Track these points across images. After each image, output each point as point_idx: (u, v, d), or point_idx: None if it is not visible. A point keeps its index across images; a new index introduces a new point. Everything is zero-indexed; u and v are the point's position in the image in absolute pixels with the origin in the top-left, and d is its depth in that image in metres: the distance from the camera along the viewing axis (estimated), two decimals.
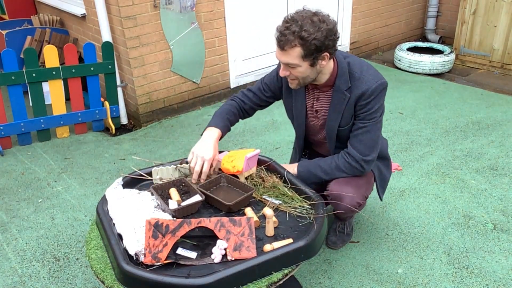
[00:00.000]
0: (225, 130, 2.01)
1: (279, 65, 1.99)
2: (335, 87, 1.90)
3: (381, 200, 2.22)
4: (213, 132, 1.94)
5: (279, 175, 1.99)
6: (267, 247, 1.55)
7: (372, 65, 1.94)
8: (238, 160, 1.90)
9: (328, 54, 1.76)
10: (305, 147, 2.28)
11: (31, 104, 3.50)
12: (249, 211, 1.74)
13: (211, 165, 1.86)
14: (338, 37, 1.77)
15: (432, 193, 2.76)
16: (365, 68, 1.89)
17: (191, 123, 3.87)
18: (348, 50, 5.10)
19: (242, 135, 3.61)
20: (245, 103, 2.13)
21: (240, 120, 2.15)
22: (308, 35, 1.67)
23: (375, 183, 2.16)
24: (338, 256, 2.29)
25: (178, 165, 1.96)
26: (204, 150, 1.85)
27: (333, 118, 1.96)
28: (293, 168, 2.03)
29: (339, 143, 2.03)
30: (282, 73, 1.83)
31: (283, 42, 1.71)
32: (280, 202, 1.82)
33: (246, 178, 1.95)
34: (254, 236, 1.55)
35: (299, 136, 2.19)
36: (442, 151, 3.23)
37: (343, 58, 1.90)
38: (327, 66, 1.84)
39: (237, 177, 1.92)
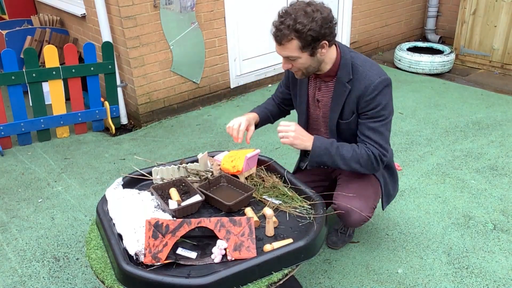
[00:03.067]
0: (262, 114, 2.17)
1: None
2: (337, 78, 1.88)
3: (383, 209, 2.18)
4: (249, 113, 2.14)
5: (279, 175, 2.00)
6: (267, 247, 1.55)
7: (377, 63, 1.92)
8: (238, 160, 1.90)
9: (327, 42, 1.75)
10: None
11: (31, 104, 3.50)
12: (249, 211, 1.74)
13: (247, 128, 2.02)
14: (336, 23, 1.76)
15: (432, 193, 2.76)
16: (369, 64, 1.86)
17: (191, 123, 3.87)
18: None
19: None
20: (276, 97, 2.26)
21: (285, 113, 2.31)
22: (302, 27, 1.66)
23: (381, 191, 2.12)
24: (338, 256, 2.29)
25: (179, 165, 1.96)
26: (240, 116, 2.04)
27: (334, 110, 1.93)
28: (309, 138, 1.87)
29: (340, 138, 1.98)
30: (284, 66, 1.84)
31: (279, 37, 1.72)
32: (280, 202, 1.82)
33: (246, 178, 1.95)
34: (254, 236, 1.55)
35: (301, 126, 2.18)
36: (442, 151, 3.23)
37: (348, 51, 1.89)
38: (328, 55, 1.82)
39: (237, 177, 1.92)
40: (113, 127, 3.74)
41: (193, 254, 1.55)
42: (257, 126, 2.14)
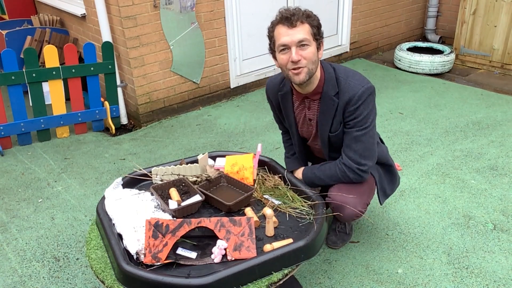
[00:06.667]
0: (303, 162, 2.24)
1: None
2: (323, 94, 1.90)
3: (381, 204, 2.20)
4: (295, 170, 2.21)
5: (279, 175, 2.00)
6: (267, 247, 1.55)
7: (359, 71, 1.97)
8: (244, 171, 1.92)
9: (323, 43, 1.84)
10: (309, 154, 2.28)
11: (31, 104, 3.50)
12: (249, 211, 1.74)
13: None
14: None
15: (432, 193, 2.76)
16: (351, 74, 1.90)
17: (191, 123, 3.87)
18: (348, 50, 5.10)
19: (242, 135, 3.60)
20: (283, 131, 2.32)
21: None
22: (311, 14, 1.79)
23: (376, 187, 2.14)
24: (338, 256, 2.29)
25: (178, 165, 1.96)
26: None
27: (324, 124, 1.96)
28: (298, 174, 2.12)
29: (332, 148, 2.04)
30: (296, 55, 1.74)
31: (295, 17, 1.75)
32: (280, 202, 1.83)
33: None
34: (254, 236, 1.55)
35: (295, 144, 2.21)
36: (442, 151, 3.23)
37: (329, 65, 1.94)
38: (315, 73, 1.86)
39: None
40: (113, 127, 3.74)
41: (193, 254, 1.55)
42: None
